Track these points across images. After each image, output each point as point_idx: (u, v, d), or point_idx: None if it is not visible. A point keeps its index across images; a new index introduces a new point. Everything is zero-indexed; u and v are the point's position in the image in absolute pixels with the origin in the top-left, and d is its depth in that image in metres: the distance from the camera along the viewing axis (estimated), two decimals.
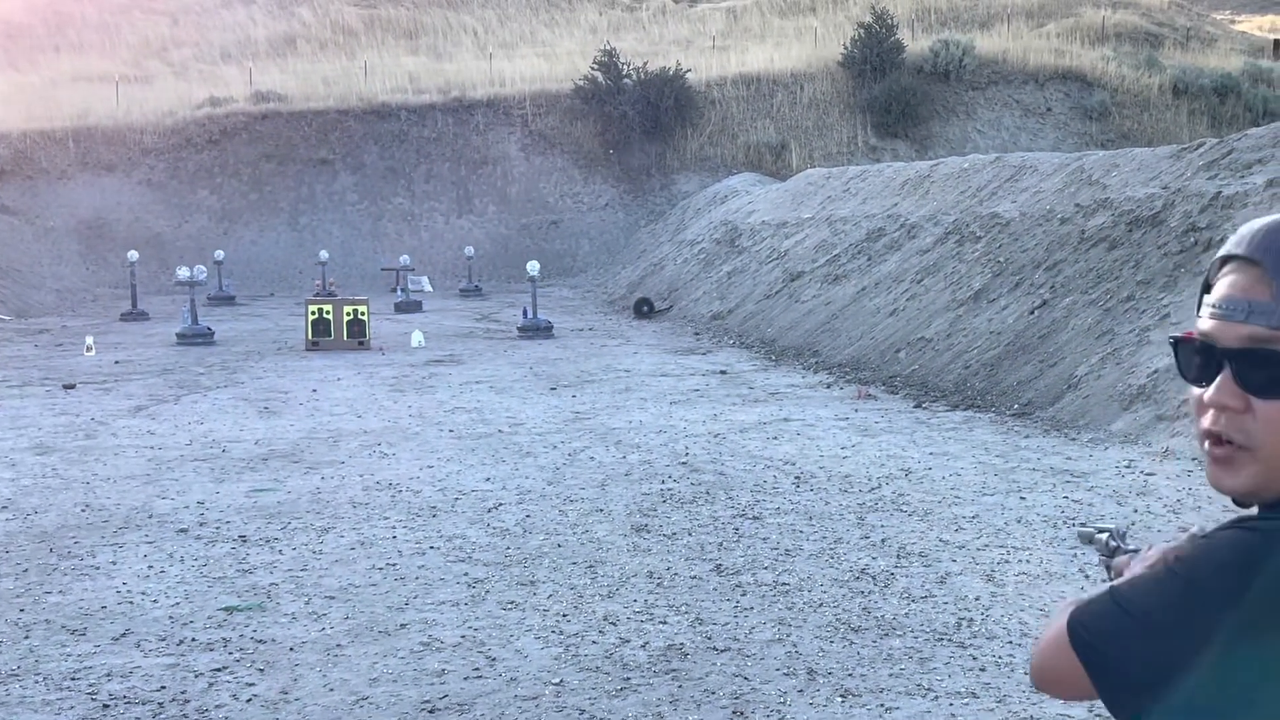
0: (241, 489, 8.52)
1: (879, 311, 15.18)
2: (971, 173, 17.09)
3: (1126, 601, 1.28)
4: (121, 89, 32.50)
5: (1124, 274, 11.57)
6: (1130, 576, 1.34)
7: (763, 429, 10.53)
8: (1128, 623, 1.27)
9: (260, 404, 12.30)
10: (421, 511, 7.79)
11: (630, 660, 5.18)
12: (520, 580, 6.31)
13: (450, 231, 30.36)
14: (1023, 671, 4.93)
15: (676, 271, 23.56)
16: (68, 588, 6.28)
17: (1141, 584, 1.30)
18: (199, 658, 5.28)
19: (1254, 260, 1.28)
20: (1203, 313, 1.34)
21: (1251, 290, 1.28)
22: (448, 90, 32.84)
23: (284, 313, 22.53)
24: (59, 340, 18.39)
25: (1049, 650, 1.35)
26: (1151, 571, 1.30)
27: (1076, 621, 1.31)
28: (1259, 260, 1.28)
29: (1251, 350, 1.27)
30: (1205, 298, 1.34)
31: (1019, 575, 6.20)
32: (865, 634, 5.44)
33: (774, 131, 32.24)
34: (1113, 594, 1.31)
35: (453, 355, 16.23)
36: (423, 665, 5.17)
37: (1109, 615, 1.29)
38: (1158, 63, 34.61)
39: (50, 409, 12.02)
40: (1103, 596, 1.32)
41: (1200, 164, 12.10)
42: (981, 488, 8.12)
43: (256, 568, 6.61)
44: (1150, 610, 1.26)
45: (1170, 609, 1.25)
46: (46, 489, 8.56)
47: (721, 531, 7.19)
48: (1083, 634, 1.30)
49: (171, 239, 29.14)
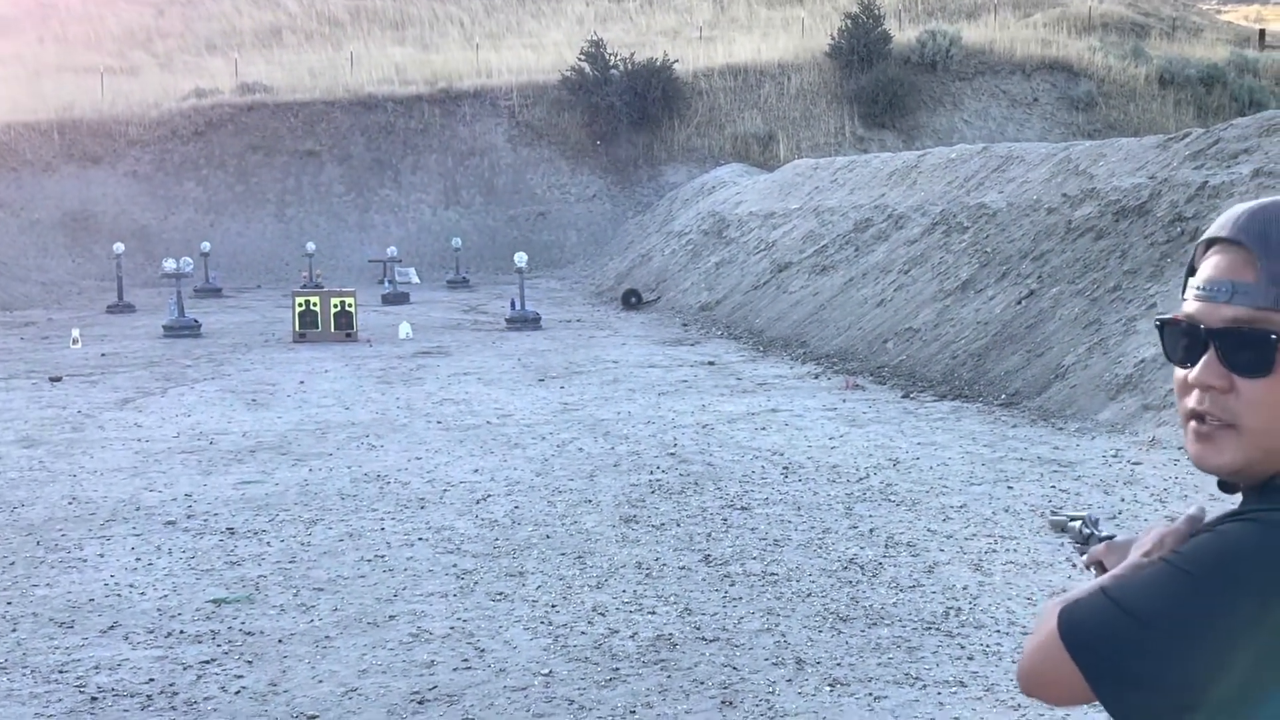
0: (229, 481, 8.50)
1: (867, 302, 15.20)
2: (959, 163, 17.11)
3: (1127, 601, 1.26)
4: (106, 80, 32.35)
5: (1111, 264, 11.61)
6: (1123, 573, 1.31)
7: (751, 419, 10.54)
8: (1130, 623, 1.24)
9: (248, 396, 12.28)
10: (410, 503, 7.79)
11: (619, 650, 5.19)
12: (509, 571, 6.31)
13: (437, 223, 30.30)
14: (1010, 660, 4.95)
15: (664, 263, 23.55)
16: (55, 580, 6.27)
17: (1140, 581, 1.27)
18: (187, 650, 5.27)
19: (1238, 242, 1.30)
20: (1188, 295, 1.36)
21: (1236, 271, 1.30)
22: (434, 81, 32.75)
23: (271, 304, 22.47)
24: (45, 333, 18.32)
25: (1039, 654, 1.31)
26: (1150, 568, 1.28)
27: (1071, 624, 1.28)
28: (1243, 242, 1.30)
29: (1236, 330, 1.29)
30: (1190, 280, 1.36)
31: (1006, 564, 6.22)
32: (854, 623, 5.45)
33: (761, 122, 32.23)
34: (1108, 593, 1.28)
35: (440, 347, 16.21)
36: (412, 656, 5.17)
37: (1108, 617, 1.26)
38: (1144, 53, 34.66)
39: (36, 402, 11.98)
40: (1096, 596, 1.28)
41: (1186, 154, 12.13)
42: (969, 477, 8.14)
43: (244, 560, 6.60)
44: (1157, 610, 1.23)
45: (1179, 607, 1.22)
46: (33, 482, 8.54)
47: (710, 522, 7.20)
48: (1080, 636, 1.27)
49: (158, 231, 29.03)
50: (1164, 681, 1.22)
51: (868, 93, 32.24)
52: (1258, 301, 1.28)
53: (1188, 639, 1.21)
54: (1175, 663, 1.22)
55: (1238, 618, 1.20)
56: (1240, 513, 1.29)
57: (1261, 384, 1.28)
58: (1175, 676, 1.22)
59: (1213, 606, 1.21)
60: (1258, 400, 1.28)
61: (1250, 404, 1.29)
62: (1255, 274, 1.28)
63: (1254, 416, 1.29)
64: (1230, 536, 1.25)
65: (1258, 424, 1.29)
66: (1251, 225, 1.30)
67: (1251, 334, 1.28)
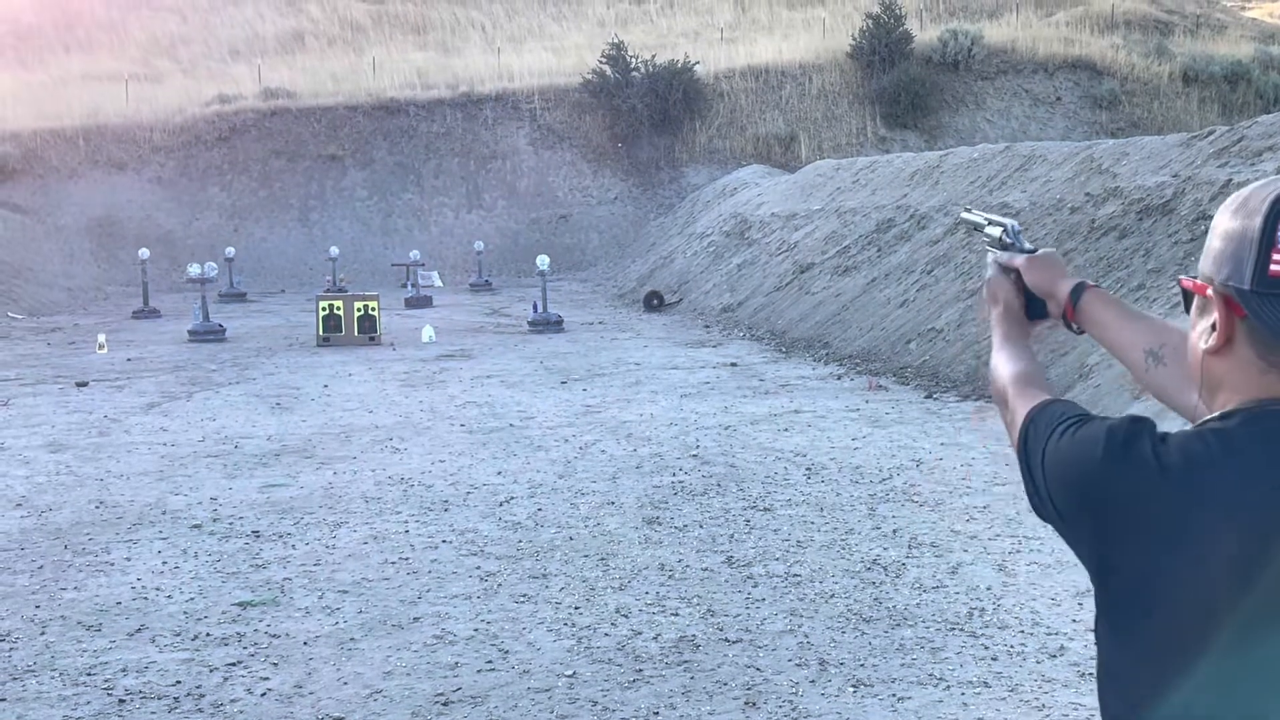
0: (254, 485, 8.55)
1: (889, 302, 15.17)
2: (981, 163, 17.06)
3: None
4: (131, 87, 32.56)
5: (1134, 263, 11.55)
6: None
7: (773, 421, 10.54)
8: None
9: (272, 400, 12.34)
10: (433, 506, 7.82)
11: (642, 652, 5.20)
12: (532, 573, 6.33)
13: (460, 226, 30.38)
14: (1035, 660, 4.94)
15: (686, 264, 23.55)
16: (83, 584, 6.32)
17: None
18: (214, 652, 5.31)
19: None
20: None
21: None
22: (456, 85, 32.84)
23: (295, 309, 22.58)
24: (71, 338, 18.46)
25: (1005, 410, 1.70)
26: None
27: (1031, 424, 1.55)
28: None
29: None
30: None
31: (1030, 565, 6.20)
32: (877, 624, 5.45)
33: (783, 123, 32.20)
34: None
35: (463, 350, 16.26)
36: (436, 658, 5.19)
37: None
38: (1167, 50, 34.47)
39: (63, 407, 12.07)
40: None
41: (1211, 152, 12.07)
42: (993, 478, 8.12)
43: (270, 563, 6.64)
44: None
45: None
46: (60, 486, 8.61)
47: (733, 523, 7.21)
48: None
49: (182, 236, 29.21)
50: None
51: (889, 93, 32.18)
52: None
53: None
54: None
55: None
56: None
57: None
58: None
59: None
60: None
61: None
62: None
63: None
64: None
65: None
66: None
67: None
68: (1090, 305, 1.85)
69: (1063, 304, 1.89)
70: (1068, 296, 1.88)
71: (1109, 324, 1.82)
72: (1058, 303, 1.91)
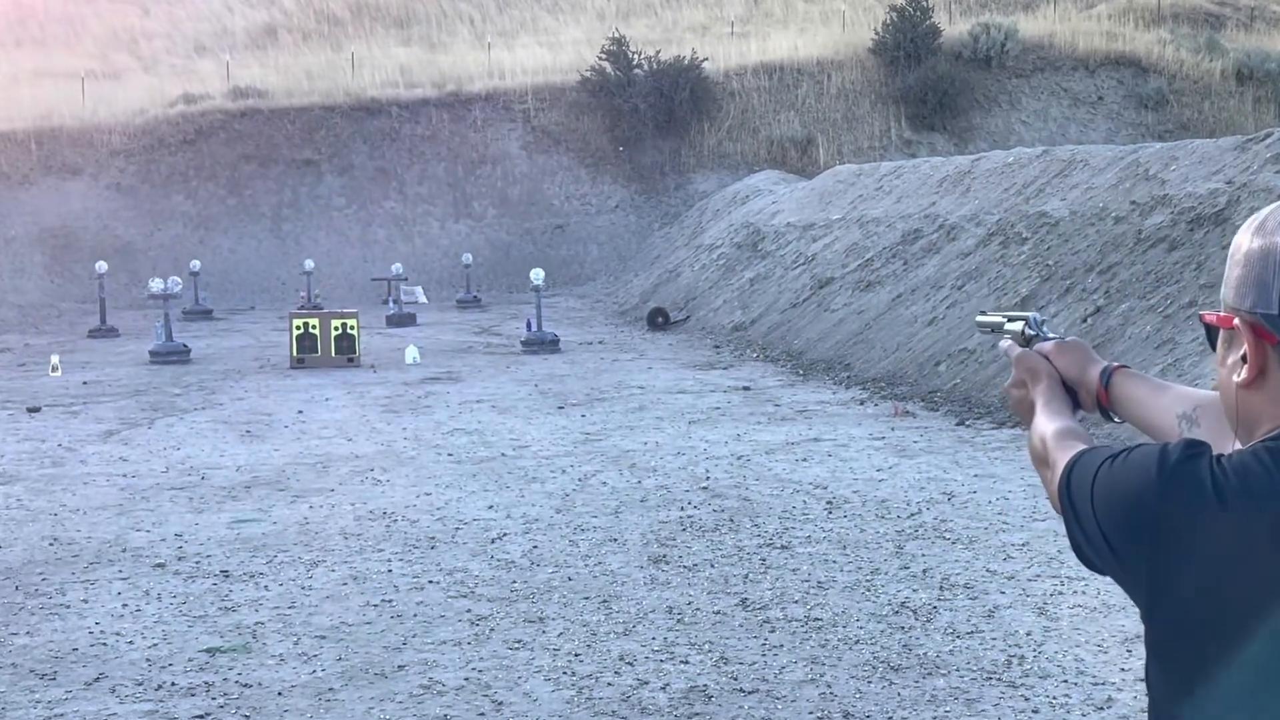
0: (223, 520, 8.56)
1: (916, 320, 15.20)
2: (1016, 168, 17.11)
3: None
4: (88, 86, 32.68)
5: (1185, 277, 11.57)
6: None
7: (790, 450, 10.54)
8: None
9: (242, 427, 12.36)
10: (419, 543, 7.82)
11: (649, 703, 5.19)
12: (528, 617, 6.33)
13: (446, 237, 30.46)
14: (1079, 713, 4.93)
15: (694, 279, 23.60)
16: (36, 628, 6.32)
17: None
18: (179, 704, 5.30)
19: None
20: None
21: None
22: (442, 84, 32.96)
23: (266, 327, 22.62)
24: (21, 360, 18.49)
25: (1044, 469, 1.76)
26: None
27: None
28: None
29: None
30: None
31: (1074, 608, 6.20)
32: (906, 674, 5.44)
33: (799, 125, 32.30)
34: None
35: (450, 372, 16.28)
36: (423, 710, 5.19)
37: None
38: (1219, 46, 34.58)
39: (13, 434, 12.08)
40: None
41: (1268, 156, 12.10)
42: (1031, 512, 8.12)
43: (240, 605, 6.64)
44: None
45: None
46: (10, 521, 8.61)
47: (747, 562, 7.21)
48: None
49: (143, 248, 29.28)
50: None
51: (915, 92, 32.28)
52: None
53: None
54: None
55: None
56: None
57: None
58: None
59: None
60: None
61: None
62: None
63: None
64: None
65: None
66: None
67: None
68: (1122, 385, 1.96)
69: (1094, 390, 1.99)
70: (1099, 380, 1.98)
71: (1143, 400, 1.92)
72: (1089, 390, 2.00)
